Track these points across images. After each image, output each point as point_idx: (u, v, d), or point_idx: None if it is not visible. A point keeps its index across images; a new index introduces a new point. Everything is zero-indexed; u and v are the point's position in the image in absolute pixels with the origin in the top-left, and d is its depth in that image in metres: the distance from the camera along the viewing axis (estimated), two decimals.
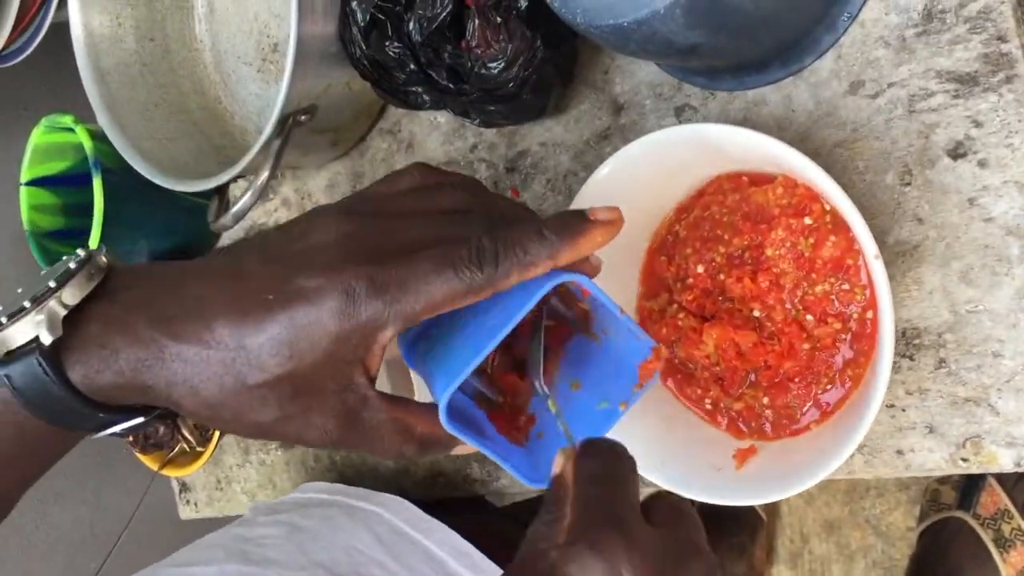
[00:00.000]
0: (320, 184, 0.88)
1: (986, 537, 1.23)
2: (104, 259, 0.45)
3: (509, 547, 0.68)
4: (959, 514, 1.26)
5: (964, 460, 0.57)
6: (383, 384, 0.75)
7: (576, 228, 0.41)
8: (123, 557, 0.77)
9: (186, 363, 0.41)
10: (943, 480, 1.30)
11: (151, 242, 0.92)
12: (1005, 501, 1.25)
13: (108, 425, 0.44)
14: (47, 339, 0.40)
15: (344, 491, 0.81)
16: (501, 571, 0.68)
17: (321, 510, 0.76)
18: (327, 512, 0.75)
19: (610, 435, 0.46)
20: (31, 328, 0.41)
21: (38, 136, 0.89)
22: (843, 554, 1.43)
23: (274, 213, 0.92)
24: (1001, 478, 1.25)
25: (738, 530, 1.44)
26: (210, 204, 0.77)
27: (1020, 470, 0.55)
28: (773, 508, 1.47)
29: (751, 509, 1.43)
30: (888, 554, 1.39)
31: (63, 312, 0.41)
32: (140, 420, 0.44)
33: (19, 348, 0.41)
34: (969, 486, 1.26)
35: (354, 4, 0.67)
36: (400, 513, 0.75)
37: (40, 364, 0.40)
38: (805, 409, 0.59)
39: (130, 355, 0.41)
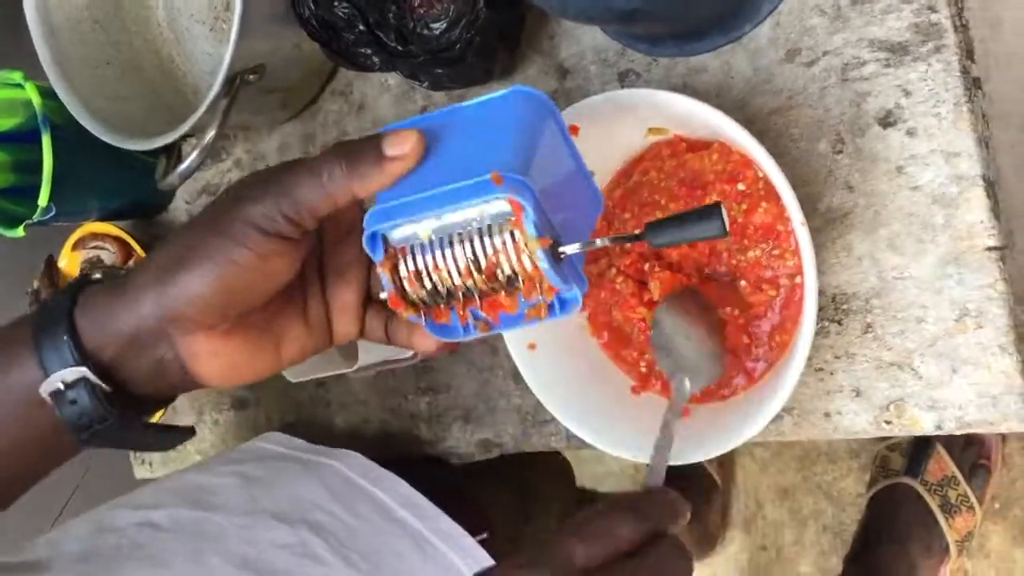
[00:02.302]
0: (272, 146, 0.88)
1: (933, 503, 1.25)
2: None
3: (459, 499, 0.69)
4: (907, 480, 1.28)
5: (888, 423, 0.58)
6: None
7: (357, 162, 0.47)
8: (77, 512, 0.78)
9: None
10: (892, 447, 1.33)
11: (102, 200, 0.92)
12: (952, 468, 1.27)
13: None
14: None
15: (302, 447, 0.82)
16: (447, 517, 0.70)
17: (277, 462, 0.77)
18: (282, 464, 0.77)
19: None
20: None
21: None
22: (795, 519, 1.45)
23: (227, 174, 0.92)
24: (948, 445, 1.28)
25: (694, 495, 1.46)
26: (159, 162, 0.77)
27: (940, 432, 0.57)
28: (728, 473, 1.49)
29: (707, 474, 1.45)
30: (839, 519, 1.42)
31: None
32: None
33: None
34: (917, 453, 1.29)
35: None
36: (354, 467, 0.76)
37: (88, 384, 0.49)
38: (734, 375, 0.60)
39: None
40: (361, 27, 0.68)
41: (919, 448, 1.28)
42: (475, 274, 0.46)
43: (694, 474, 1.44)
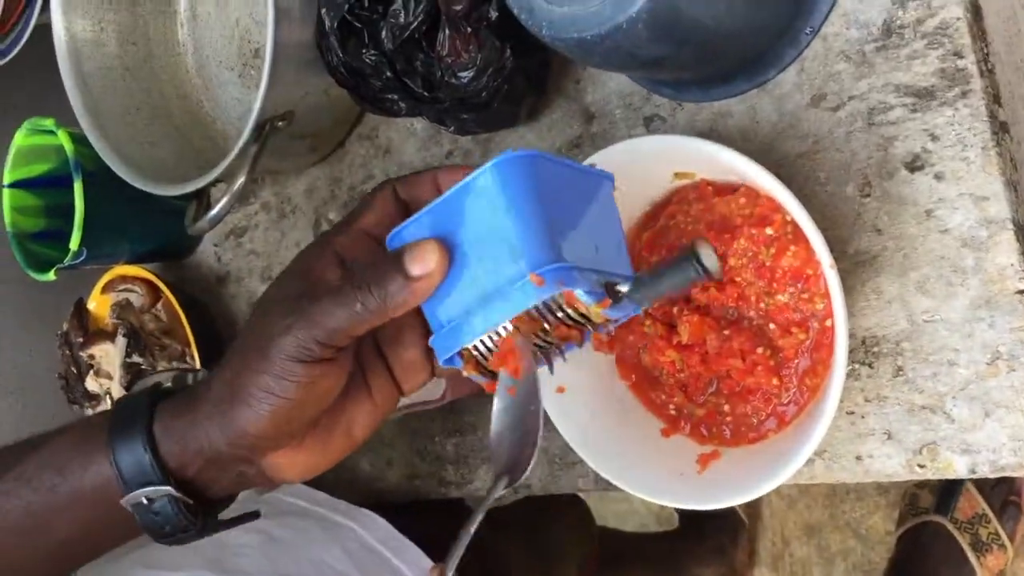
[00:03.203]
0: (299, 189, 0.89)
1: (963, 541, 1.24)
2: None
3: (482, 556, 0.69)
4: (937, 518, 1.27)
5: (921, 466, 0.58)
6: None
7: (387, 287, 0.47)
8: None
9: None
10: (921, 484, 1.31)
11: (132, 244, 0.93)
12: (982, 505, 1.26)
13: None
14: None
15: (320, 500, 0.82)
16: None
17: (298, 520, 0.77)
18: (303, 523, 0.77)
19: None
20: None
21: (20, 138, 0.90)
22: (823, 557, 1.44)
23: (254, 216, 0.93)
24: (978, 483, 1.27)
25: (720, 532, 1.45)
26: (188, 207, 0.78)
27: (974, 476, 0.56)
28: (755, 511, 1.48)
29: (733, 512, 1.45)
30: (867, 557, 1.40)
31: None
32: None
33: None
34: (947, 490, 1.28)
35: (323, 12, 0.68)
36: (374, 531, 0.76)
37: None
38: (765, 419, 0.60)
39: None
40: (388, 74, 0.69)
41: (949, 485, 1.27)
42: (546, 336, 0.49)
43: (720, 512, 1.43)
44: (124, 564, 0.69)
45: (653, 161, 0.60)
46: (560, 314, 0.47)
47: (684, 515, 1.46)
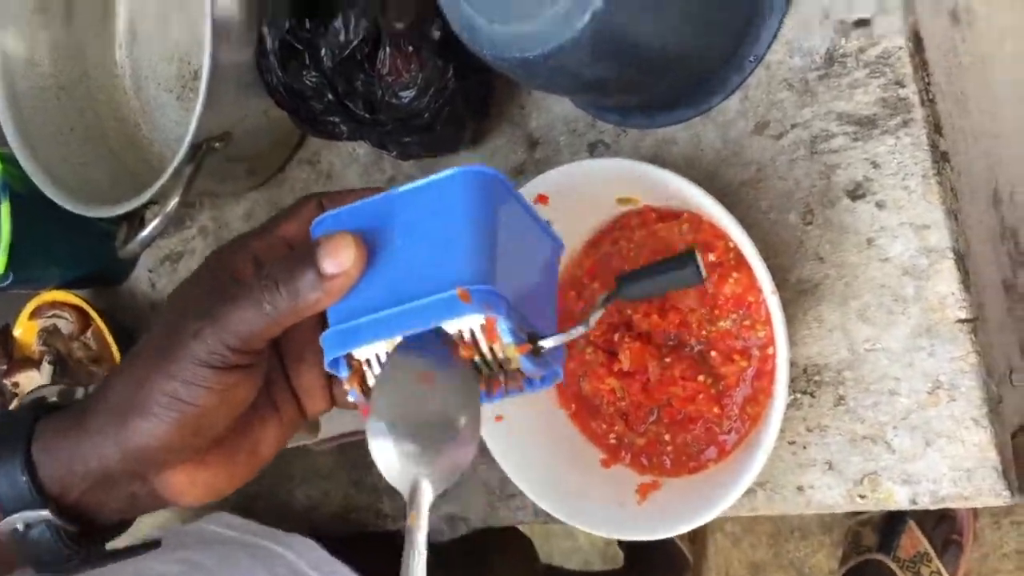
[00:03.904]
0: (238, 213, 0.87)
1: None
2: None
3: None
4: (879, 556, 1.27)
5: (862, 497, 0.57)
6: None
7: (297, 284, 0.43)
8: None
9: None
10: (864, 522, 1.32)
11: (62, 268, 0.90)
12: (924, 544, 1.26)
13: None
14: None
15: (252, 529, 0.79)
16: None
17: (223, 548, 0.74)
18: (228, 550, 0.74)
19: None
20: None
21: None
22: None
23: (191, 241, 0.91)
24: (921, 521, 1.27)
25: (665, 571, 1.44)
26: (119, 229, 0.76)
27: (915, 507, 0.56)
28: (700, 549, 1.47)
29: (678, 550, 1.43)
30: None
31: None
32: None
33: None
34: (889, 529, 1.28)
35: (264, 29, 0.66)
36: (305, 555, 0.74)
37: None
38: (705, 448, 0.59)
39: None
40: (329, 96, 0.68)
41: (891, 524, 1.28)
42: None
43: (664, 549, 1.42)
44: None
45: (597, 185, 0.60)
46: (476, 349, 0.43)
47: (629, 553, 1.45)
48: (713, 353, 0.58)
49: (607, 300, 0.47)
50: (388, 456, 0.41)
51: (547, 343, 0.44)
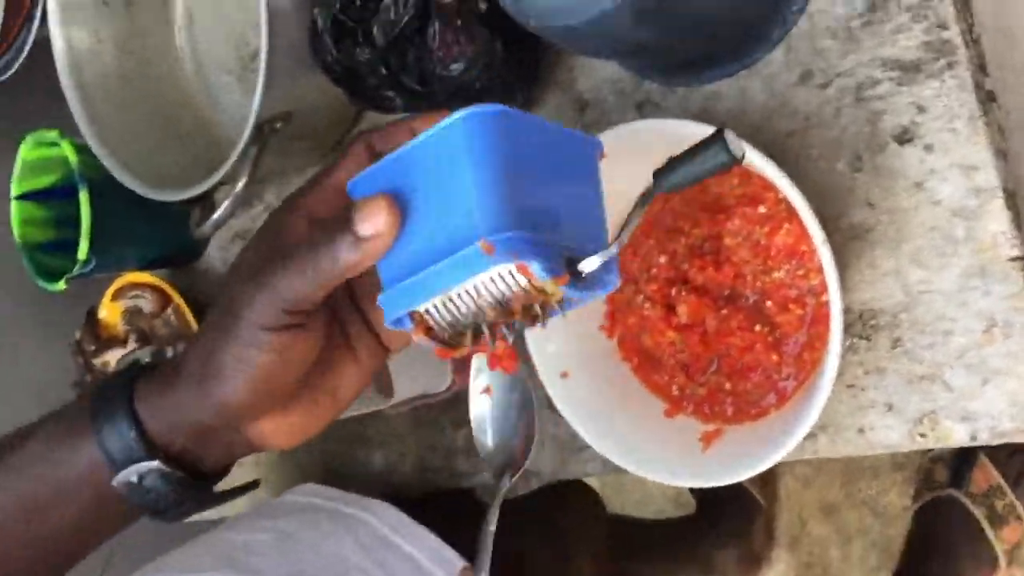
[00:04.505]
0: None
1: (979, 514, 1.24)
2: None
3: (496, 548, 0.70)
4: (952, 492, 1.27)
5: (922, 436, 0.58)
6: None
7: (337, 249, 0.45)
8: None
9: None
10: (936, 459, 1.32)
11: (140, 251, 0.94)
12: (997, 477, 1.26)
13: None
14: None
15: (335, 496, 0.83)
16: None
17: (309, 515, 0.78)
18: (314, 517, 0.77)
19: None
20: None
21: (25, 151, 0.91)
22: (841, 535, 1.44)
23: (259, 219, 0.94)
24: (993, 455, 1.26)
25: (737, 516, 1.45)
26: (192, 212, 0.79)
27: (975, 443, 0.57)
28: (771, 493, 1.49)
29: (749, 494, 1.45)
30: (885, 534, 1.40)
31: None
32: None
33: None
34: (961, 464, 1.28)
35: (315, 12, 0.68)
36: (386, 519, 0.77)
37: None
38: (765, 395, 0.61)
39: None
40: (382, 71, 0.70)
41: (963, 459, 1.27)
42: (506, 309, 0.45)
43: (735, 494, 1.43)
44: (149, 571, 0.70)
45: (646, 145, 0.61)
46: (516, 287, 0.43)
47: (701, 500, 1.47)
48: (768, 303, 0.60)
49: (645, 199, 0.46)
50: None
51: (586, 266, 0.44)
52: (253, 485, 0.58)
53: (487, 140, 0.42)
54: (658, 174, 0.46)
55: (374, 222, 0.44)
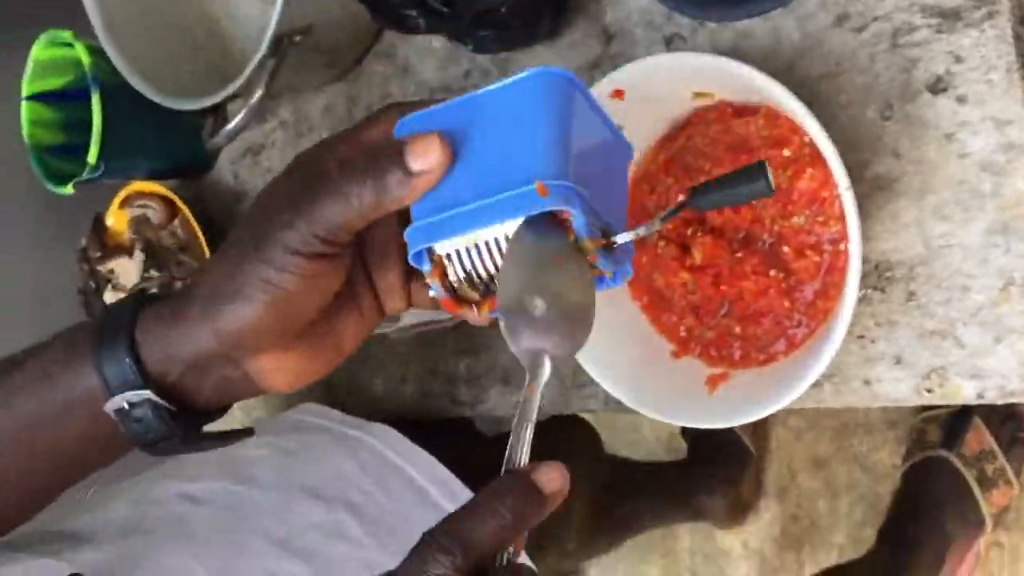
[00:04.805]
0: (318, 107, 0.89)
1: (969, 476, 1.25)
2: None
3: (491, 474, 0.70)
4: (943, 453, 1.28)
5: (929, 391, 0.58)
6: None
7: (385, 180, 0.45)
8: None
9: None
10: (929, 419, 1.32)
11: (150, 160, 0.93)
12: (989, 441, 1.26)
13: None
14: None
15: (336, 417, 0.83)
16: None
17: (311, 435, 0.78)
18: (317, 438, 0.78)
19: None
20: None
21: (38, 51, 0.89)
22: (829, 489, 1.45)
23: (272, 134, 0.93)
24: (986, 418, 1.27)
25: (728, 463, 1.46)
26: (206, 122, 0.78)
27: (982, 402, 0.57)
28: (762, 443, 1.49)
29: (740, 442, 1.46)
30: (873, 490, 1.41)
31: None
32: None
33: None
34: (954, 425, 1.28)
35: None
36: (387, 442, 0.77)
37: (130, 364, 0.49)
38: (774, 341, 0.60)
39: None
40: None
41: (956, 421, 1.28)
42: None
43: (727, 442, 1.44)
44: (146, 476, 0.70)
45: (673, 80, 0.60)
46: None
47: (693, 445, 1.48)
48: (785, 248, 0.59)
49: (678, 208, 0.48)
50: (517, 327, 0.43)
51: (620, 238, 0.45)
52: (247, 432, 0.57)
53: (561, 99, 0.45)
54: (695, 191, 0.47)
55: (427, 158, 0.44)
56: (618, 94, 0.60)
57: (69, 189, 0.89)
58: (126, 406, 0.49)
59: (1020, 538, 1.28)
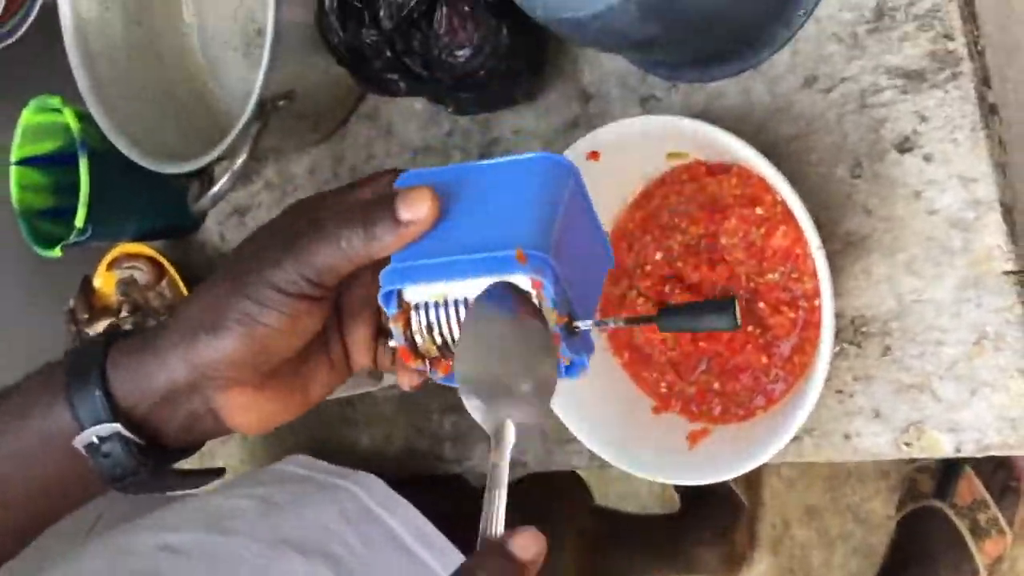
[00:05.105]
0: (302, 168, 0.90)
1: (962, 526, 1.24)
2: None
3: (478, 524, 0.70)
4: (936, 503, 1.27)
5: (907, 444, 0.59)
6: None
7: (374, 228, 0.47)
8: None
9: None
10: (921, 469, 1.32)
11: (136, 222, 0.94)
12: (981, 491, 1.26)
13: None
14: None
15: (323, 468, 0.83)
16: (456, 551, 0.71)
17: (294, 485, 0.78)
18: (300, 487, 0.78)
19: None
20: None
21: (27, 116, 0.91)
22: (823, 540, 1.45)
23: (257, 195, 0.94)
24: (978, 468, 1.27)
25: (721, 515, 1.46)
26: (191, 185, 0.79)
27: (959, 455, 0.57)
28: (755, 494, 1.49)
29: (733, 494, 1.45)
30: (867, 541, 1.41)
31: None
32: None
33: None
34: (946, 475, 1.28)
35: None
36: (371, 491, 0.77)
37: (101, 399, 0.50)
38: (754, 396, 0.61)
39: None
40: (388, 53, 0.70)
41: (948, 471, 1.28)
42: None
43: (719, 494, 1.44)
44: (124, 529, 0.70)
45: (648, 141, 0.61)
46: None
47: (685, 497, 1.47)
48: (761, 304, 0.60)
49: (645, 320, 0.49)
50: (476, 397, 0.44)
51: (582, 323, 0.46)
52: (218, 472, 0.58)
53: (556, 183, 0.47)
54: (663, 312, 0.48)
55: (416, 209, 0.46)
56: (594, 155, 0.61)
57: (57, 252, 0.89)
58: (95, 440, 0.50)
59: None
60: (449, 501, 0.77)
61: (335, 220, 0.48)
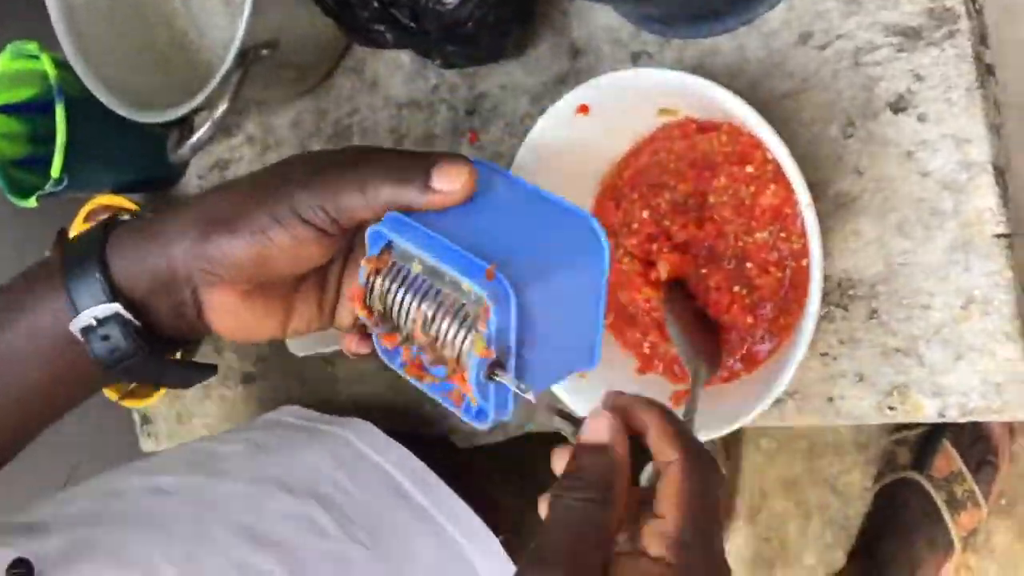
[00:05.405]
0: (285, 121, 0.88)
1: (938, 498, 1.25)
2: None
3: (465, 480, 0.69)
4: (913, 475, 1.28)
5: (891, 408, 0.58)
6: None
7: (404, 188, 0.48)
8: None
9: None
10: (899, 441, 1.33)
11: (115, 173, 0.92)
12: (958, 464, 1.27)
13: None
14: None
15: (314, 417, 0.83)
16: (453, 493, 0.70)
17: (286, 431, 0.78)
18: (291, 433, 0.78)
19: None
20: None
21: (4, 62, 0.88)
22: (800, 511, 1.45)
23: (239, 148, 0.92)
24: (956, 441, 1.27)
25: None
26: (170, 135, 0.77)
27: (943, 419, 0.57)
28: (733, 465, 1.49)
29: None
30: (844, 512, 1.41)
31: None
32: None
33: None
34: (924, 448, 1.29)
35: None
36: (363, 436, 0.77)
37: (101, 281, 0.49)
38: (737, 357, 0.60)
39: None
40: (375, 3, 0.68)
41: (926, 443, 1.28)
42: (424, 334, 0.46)
43: None
44: (112, 472, 0.70)
45: (638, 96, 0.60)
46: (456, 326, 0.45)
47: None
48: (749, 264, 0.59)
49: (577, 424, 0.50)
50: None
51: (502, 374, 0.44)
52: (211, 369, 0.58)
53: (582, 247, 0.48)
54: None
55: (450, 182, 0.47)
56: (583, 109, 0.60)
57: (32, 202, 0.88)
58: (93, 322, 0.50)
59: (988, 561, 1.28)
60: (430, 461, 0.77)
61: (372, 166, 0.48)
